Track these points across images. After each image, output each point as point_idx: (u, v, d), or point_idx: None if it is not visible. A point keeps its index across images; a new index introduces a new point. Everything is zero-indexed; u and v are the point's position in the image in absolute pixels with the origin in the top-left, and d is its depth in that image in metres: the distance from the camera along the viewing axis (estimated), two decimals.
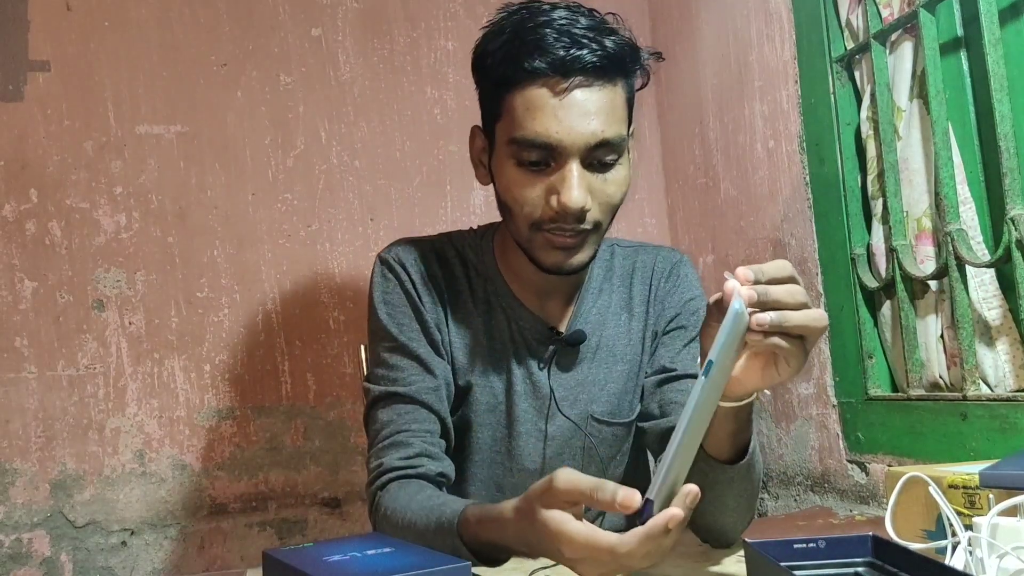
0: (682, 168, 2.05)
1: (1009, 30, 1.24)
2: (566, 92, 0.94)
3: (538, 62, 0.94)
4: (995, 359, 1.27)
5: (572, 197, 0.94)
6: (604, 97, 0.96)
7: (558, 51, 0.93)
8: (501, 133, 1.00)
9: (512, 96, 0.97)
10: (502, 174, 1.00)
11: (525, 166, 0.97)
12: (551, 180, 0.96)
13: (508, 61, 0.96)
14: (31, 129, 1.72)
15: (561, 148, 0.95)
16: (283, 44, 1.89)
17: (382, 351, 1.08)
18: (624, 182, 1.00)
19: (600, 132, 0.95)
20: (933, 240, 1.37)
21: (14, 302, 1.68)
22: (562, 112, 0.94)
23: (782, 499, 1.73)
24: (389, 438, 1.03)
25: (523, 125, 0.95)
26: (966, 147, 1.33)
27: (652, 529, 0.69)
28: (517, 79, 0.96)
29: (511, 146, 0.98)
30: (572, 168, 0.95)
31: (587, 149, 0.95)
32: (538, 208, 0.97)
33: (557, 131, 0.94)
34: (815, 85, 1.57)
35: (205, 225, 1.80)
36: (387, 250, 1.14)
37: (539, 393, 1.09)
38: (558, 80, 0.94)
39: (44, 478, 1.66)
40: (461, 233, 1.17)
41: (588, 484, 0.72)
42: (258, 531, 1.76)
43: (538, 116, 0.94)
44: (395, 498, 0.97)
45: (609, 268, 1.16)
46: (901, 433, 1.40)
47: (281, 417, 1.80)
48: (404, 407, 1.04)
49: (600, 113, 0.95)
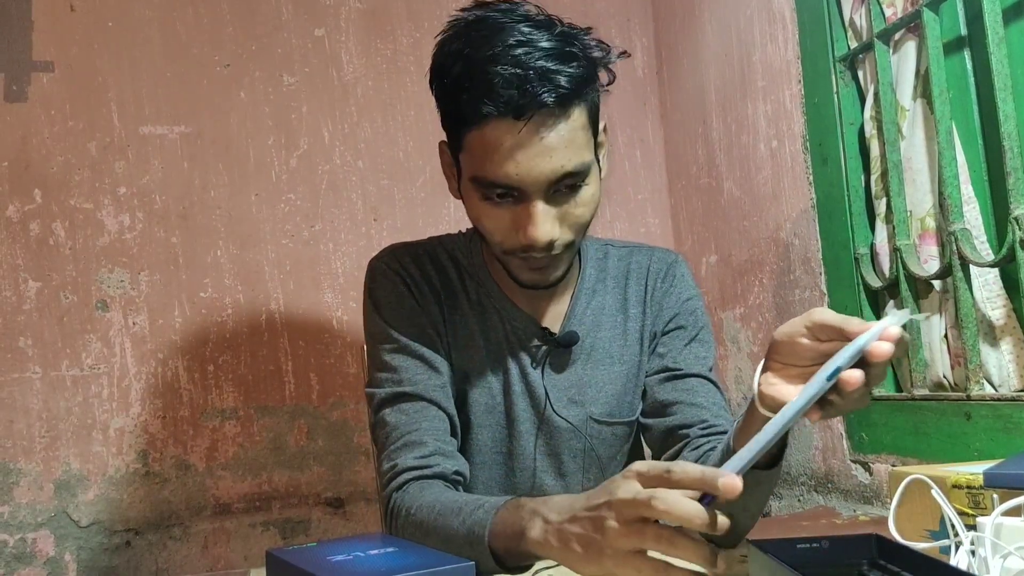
0: (685, 168, 2.05)
1: (1013, 29, 1.24)
2: (523, 130, 0.90)
3: (490, 107, 0.89)
4: (999, 359, 1.27)
5: (538, 233, 0.93)
6: (564, 129, 0.92)
7: (512, 92, 0.88)
8: (464, 166, 0.98)
9: (470, 134, 0.93)
10: (470, 203, 1.00)
11: (491, 200, 0.96)
12: (517, 212, 0.95)
13: (461, 99, 0.92)
14: (35, 130, 1.72)
15: (523, 187, 0.92)
16: (286, 45, 1.89)
17: (383, 354, 1.08)
18: (593, 200, 0.98)
19: (561, 168, 0.92)
20: (937, 240, 1.36)
21: (18, 302, 1.68)
22: (520, 153, 0.91)
23: (786, 499, 1.72)
24: (401, 439, 1.02)
25: (483, 167, 0.93)
26: (970, 146, 1.33)
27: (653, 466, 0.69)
28: (472, 119, 0.92)
29: (474, 183, 0.96)
30: (537, 205, 0.93)
31: (549, 184, 0.93)
32: (508, 238, 0.97)
33: (516, 173, 0.91)
34: (818, 85, 1.57)
35: (208, 225, 1.80)
36: (379, 256, 1.14)
37: (534, 393, 1.09)
38: (512, 121, 0.89)
39: (48, 478, 1.66)
40: (451, 236, 1.17)
41: (664, 465, 0.70)
42: (261, 531, 1.77)
43: (496, 158, 0.91)
44: (416, 498, 0.95)
45: (603, 269, 1.16)
46: (905, 433, 1.39)
47: (284, 417, 1.80)
48: (412, 405, 1.03)
49: (560, 147, 0.92)
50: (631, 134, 2.12)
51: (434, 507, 0.92)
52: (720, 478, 0.64)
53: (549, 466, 1.11)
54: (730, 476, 0.64)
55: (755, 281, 1.78)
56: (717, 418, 1.03)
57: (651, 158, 2.13)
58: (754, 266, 1.79)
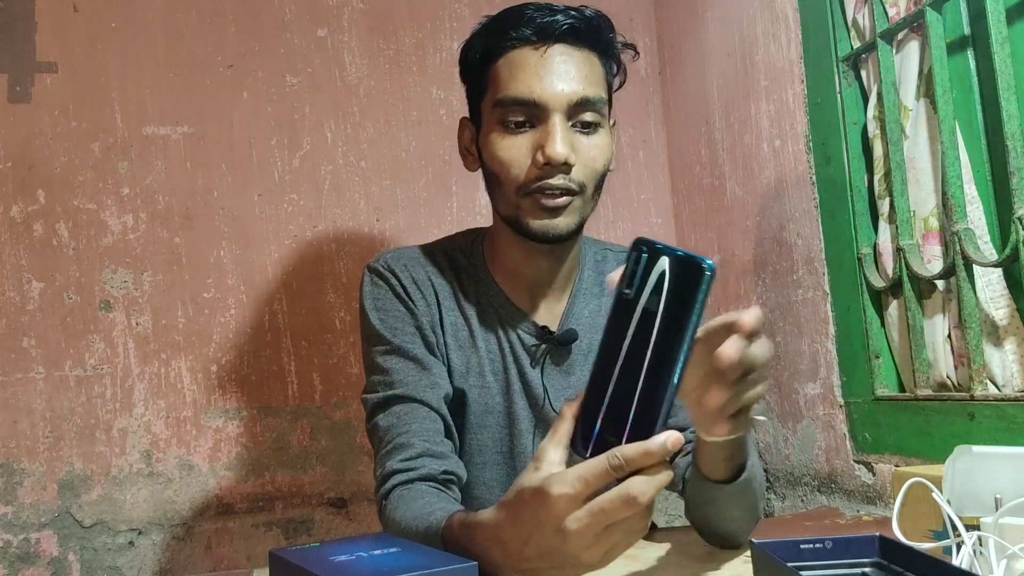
0: (688, 168, 2.05)
1: (1016, 29, 1.24)
2: (545, 52, 1.00)
3: (518, 29, 1.01)
4: (1003, 359, 1.27)
5: (556, 149, 0.98)
6: (583, 60, 1.02)
7: (536, 18, 1.01)
8: (487, 105, 1.05)
9: (496, 65, 1.03)
10: (489, 144, 1.04)
11: (511, 128, 1.02)
12: (536, 138, 1.01)
13: (492, 35, 1.04)
14: (38, 130, 1.73)
15: (544, 104, 0.99)
16: (289, 45, 1.89)
17: (377, 356, 1.08)
18: (606, 148, 1.04)
19: (580, 90, 1.00)
20: (940, 239, 1.36)
21: (22, 303, 1.69)
22: (543, 71, 1.00)
23: (789, 499, 1.72)
24: (391, 442, 1.02)
25: (507, 86, 1.01)
26: (973, 146, 1.33)
27: (590, 469, 0.61)
28: (501, 48, 1.03)
29: (496, 110, 1.02)
30: (556, 122, 0.99)
31: (569, 106, 1.00)
32: (524, 168, 1.01)
33: (540, 88, 0.99)
34: (821, 84, 1.56)
35: (211, 226, 1.81)
36: (375, 260, 1.15)
37: (533, 392, 1.10)
38: (538, 43, 1.01)
39: (52, 478, 1.67)
40: (448, 239, 1.19)
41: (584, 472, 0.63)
42: (264, 531, 1.77)
43: (521, 76, 1.00)
44: (395, 508, 0.96)
45: (600, 272, 1.17)
46: (908, 433, 1.39)
47: (287, 417, 1.81)
48: (403, 407, 1.04)
49: (579, 74, 1.01)
50: (634, 134, 2.11)
51: (405, 514, 0.92)
52: (666, 441, 0.61)
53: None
54: (669, 435, 0.61)
55: (758, 281, 1.78)
56: None
57: (654, 158, 2.13)
58: (757, 266, 1.78)
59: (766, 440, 1.79)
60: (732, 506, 0.90)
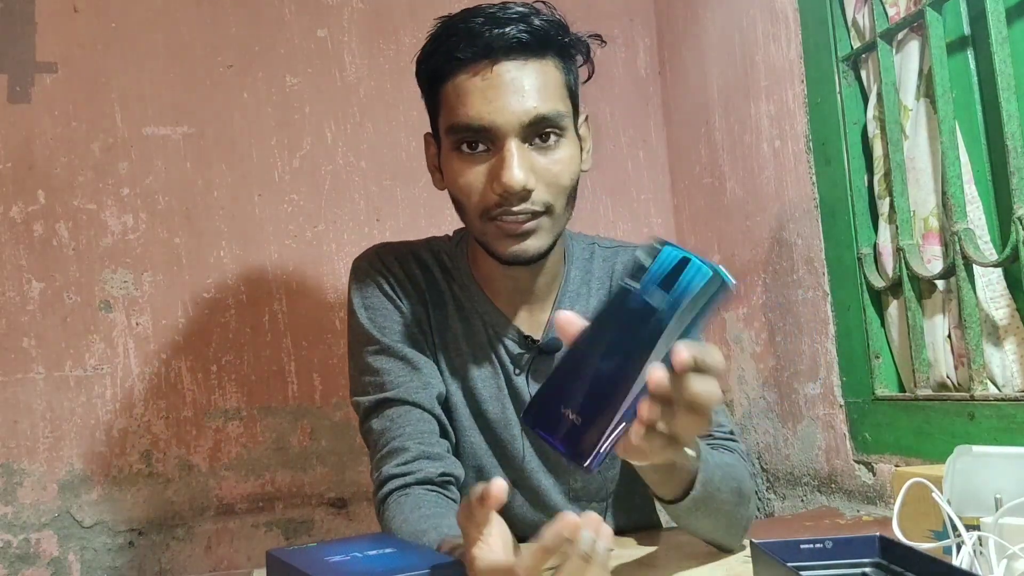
0: (688, 168, 2.05)
1: (1016, 29, 1.24)
2: (493, 71, 0.93)
3: (464, 50, 0.94)
4: (1003, 359, 1.26)
5: (511, 176, 0.92)
6: (535, 72, 0.95)
7: (482, 34, 0.93)
8: (442, 127, 0.99)
9: (445, 87, 0.97)
10: (448, 168, 0.99)
11: (466, 154, 0.96)
12: (492, 163, 0.95)
13: (439, 54, 0.98)
14: (38, 130, 1.73)
15: (495, 128, 0.93)
16: (289, 45, 1.89)
17: (366, 356, 1.05)
18: (570, 161, 0.97)
19: (534, 108, 0.93)
20: (940, 239, 1.36)
21: (22, 303, 1.69)
22: (491, 93, 0.93)
23: (789, 499, 1.72)
24: (386, 446, 1.00)
25: (456, 111, 0.95)
26: (973, 146, 1.33)
27: (548, 540, 0.61)
28: (448, 70, 0.96)
29: (450, 136, 0.97)
30: (510, 147, 0.93)
31: (523, 127, 0.93)
32: (483, 195, 0.96)
33: (489, 112, 0.93)
34: (821, 84, 1.56)
35: (211, 226, 1.81)
36: (362, 255, 1.12)
37: (520, 398, 1.07)
38: (485, 63, 0.94)
39: (52, 478, 1.67)
40: (438, 239, 1.15)
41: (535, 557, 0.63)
42: (264, 531, 1.77)
43: (468, 100, 0.94)
44: (392, 517, 0.95)
45: (587, 271, 1.13)
46: (908, 433, 1.39)
47: (288, 417, 1.81)
48: (396, 411, 1.02)
49: (532, 89, 0.94)
50: (634, 134, 2.11)
51: (402, 526, 0.91)
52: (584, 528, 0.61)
53: (540, 465, 1.09)
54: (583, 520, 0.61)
55: (758, 281, 1.78)
56: None
57: (654, 158, 2.13)
58: (757, 266, 1.78)
59: (766, 440, 1.79)
60: (695, 519, 0.87)
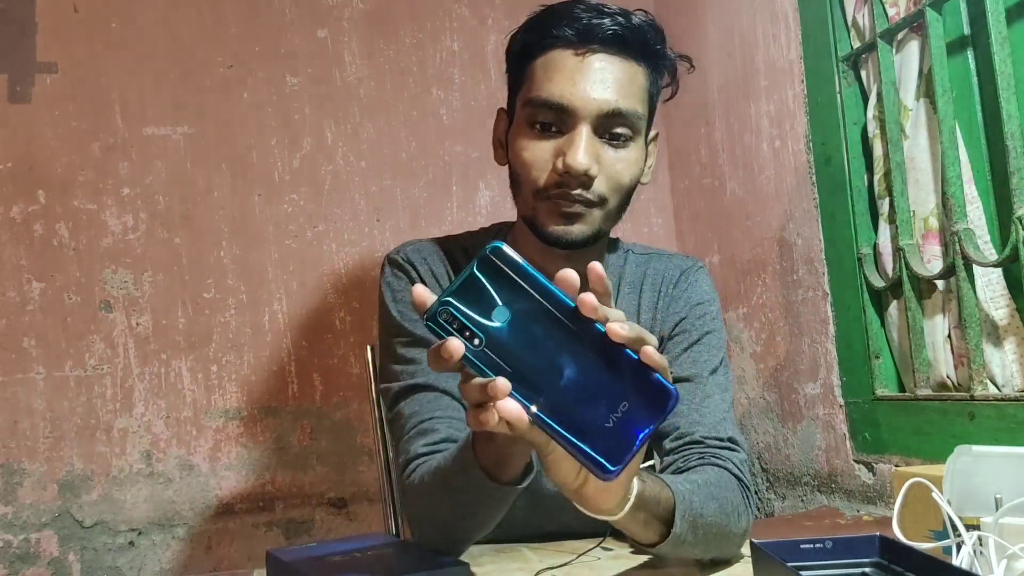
0: (688, 168, 2.05)
1: (1016, 29, 1.24)
2: (584, 57, 0.96)
3: (561, 28, 0.97)
4: (1002, 358, 1.26)
5: (577, 158, 0.94)
6: (622, 70, 0.98)
7: (582, 19, 0.96)
8: (520, 100, 1.02)
9: (534, 63, 0.99)
10: (516, 140, 1.01)
11: (537, 129, 0.98)
12: (560, 143, 0.97)
13: (534, 30, 1.00)
14: (39, 131, 1.73)
15: (573, 111, 0.96)
16: (289, 45, 1.89)
17: (398, 347, 1.07)
18: (635, 163, 1.01)
19: (614, 101, 0.96)
20: (940, 239, 1.36)
21: (22, 303, 1.69)
22: (579, 76, 0.96)
23: (789, 499, 1.72)
24: (414, 428, 1.01)
25: (540, 86, 0.98)
26: (973, 146, 1.33)
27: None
28: (541, 46, 0.99)
29: (527, 108, 0.99)
30: (582, 131, 0.96)
31: (599, 116, 0.96)
32: (544, 172, 0.98)
33: (571, 93, 0.96)
34: (821, 85, 1.56)
35: (211, 226, 1.81)
36: (395, 251, 1.13)
37: None
38: (578, 45, 0.97)
39: (52, 478, 1.67)
40: (470, 234, 1.17)
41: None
42: (265, 531, 1.77)
43: (555, 78, 0.97)
44: (420, 477, 0.93)
45: (620, 276, 1.15)
46: (908, 433, 1.39)
47: (288, 417, 1.81)
48: (426, 395, 1.02)
49: (616, 84, 0.97)
50: None
51: (430, 465, 0.91)
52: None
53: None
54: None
55: (758, 281, 1.78)
56: (694, 425, 0.99)
57: None
58: (757, 266, 1.78)
59: (766, 440, 1.79)
60: (686, 549, 0.84)
